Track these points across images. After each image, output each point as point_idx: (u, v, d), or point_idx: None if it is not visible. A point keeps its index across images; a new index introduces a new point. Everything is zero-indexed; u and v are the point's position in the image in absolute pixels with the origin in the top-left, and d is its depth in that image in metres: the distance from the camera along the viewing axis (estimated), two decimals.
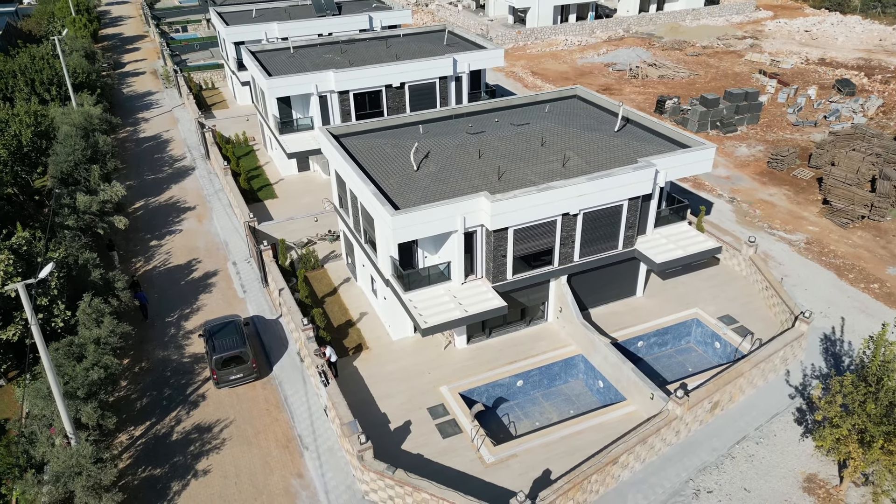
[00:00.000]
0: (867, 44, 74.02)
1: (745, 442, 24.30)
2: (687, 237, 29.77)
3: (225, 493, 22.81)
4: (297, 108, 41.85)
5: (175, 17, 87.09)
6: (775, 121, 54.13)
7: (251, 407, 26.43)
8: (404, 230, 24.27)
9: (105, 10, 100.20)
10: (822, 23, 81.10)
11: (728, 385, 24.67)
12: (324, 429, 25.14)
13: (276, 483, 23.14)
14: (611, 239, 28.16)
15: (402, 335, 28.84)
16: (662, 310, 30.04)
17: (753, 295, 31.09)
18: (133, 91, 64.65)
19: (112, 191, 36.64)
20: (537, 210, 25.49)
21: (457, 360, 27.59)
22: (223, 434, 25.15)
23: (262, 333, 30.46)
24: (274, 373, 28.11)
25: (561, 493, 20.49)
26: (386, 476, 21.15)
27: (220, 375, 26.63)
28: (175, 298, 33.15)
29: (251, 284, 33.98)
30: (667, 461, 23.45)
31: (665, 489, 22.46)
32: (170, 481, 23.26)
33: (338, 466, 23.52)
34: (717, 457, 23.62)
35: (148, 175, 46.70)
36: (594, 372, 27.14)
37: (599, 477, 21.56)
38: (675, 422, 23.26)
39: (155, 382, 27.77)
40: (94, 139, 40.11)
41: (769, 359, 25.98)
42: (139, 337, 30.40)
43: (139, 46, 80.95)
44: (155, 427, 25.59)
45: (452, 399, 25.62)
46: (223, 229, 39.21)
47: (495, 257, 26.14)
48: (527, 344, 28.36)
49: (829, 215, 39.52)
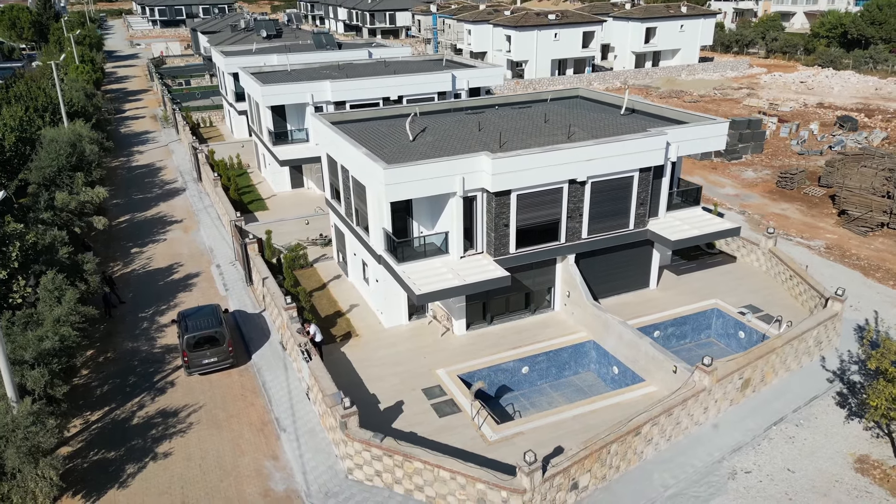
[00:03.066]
0: (863, 92, 74.51)
1: (783, 424, 21.39)
2: (702, 220, 27.76)
3: (186, 475, 19.72)
4: (291, 121, 40.84)
5: (180, 74, 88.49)
6: (779, 150, 53.20)
7: (225, 393, 23.60)
8: (397, 187, 22.32)
9: (112, 71, 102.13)
10: (816, 75, 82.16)
11: (759, 360, 21.99)
12: (305, 411, 22.24)
13: (247, 465, 20.09)
14: (621, 215, 26.14)
15: (396, 322, 26.30)
16: (678, 301, 27.59)
17: (776, 286, 28.74)
18: (130, 131, 64.26)
19: (93, 192, 34.90)
20: (542, 173, 23.64)
21: (455, 346, 24.95)
22: (190, 419, 22.22)
23: (242, 325, 27.88)
24: (253, 360, 25.38)
25: (576, 461, 17.54)
26: (373, 445, 18.22)
27: (191, 359, 23.90)
28: (151, 296, 30.73)
29: (234, 284, 31.64)
30: (696, 441, 20.48)
31: (696, 468, 19.41)
32: (124, 464, 20.20)
33: (318, 447, 20.52)
34: (752, 437, 20.68)
35: (136, 195, 45.17)
36: (607, 358, 24.45)
37: (620, 449, 18.60)
38: (702, 394, 20.46)
39: (119, 371, 24.99)
40: (80, 147, 38.77)
41: (802, 338, 23.38)
42: (107, 329, 27.81)
43: (141, 98, 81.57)
44: (114, 412, 22.67)
45: (450, 381, 22.85)
46: (209, 237, 37.21)
47: (497, 227, 24.04)
48: (532, 331, 25.78)
49: (848, 224, 37.62)
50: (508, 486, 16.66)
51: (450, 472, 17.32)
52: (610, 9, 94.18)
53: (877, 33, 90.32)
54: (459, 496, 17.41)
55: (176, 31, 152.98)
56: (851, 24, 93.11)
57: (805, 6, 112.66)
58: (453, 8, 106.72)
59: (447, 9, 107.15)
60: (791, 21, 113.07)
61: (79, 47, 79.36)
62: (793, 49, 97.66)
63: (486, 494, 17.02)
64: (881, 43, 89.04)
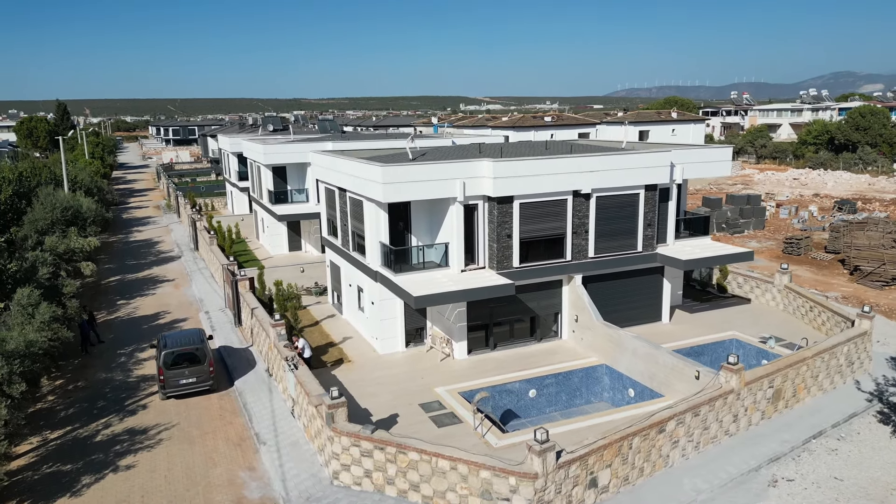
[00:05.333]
0: (857, 187, 75.62)
1: (822, 438, 19.12)
2: (713, 247, 26.68)
3: (148, 485, 17.27)
4: (291, 183, 40.82)
5: (187, 174, 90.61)
6: (781, 228, 52.91)
7: (201, 414, 21.38)
8: (395, 187, 21.50)
9: (120, 176, 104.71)
10: (809, 174, 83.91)
11: (789, 370, 20.07)
12: (289, 426, 19.98)
13: (219, 475, 17.67)
14: (628, 235, 25.09)
15: (391, 349, 24.46)
16: (693, 333, 25.83)
17: (796, 321, 27.11)
18: (132, 216, 64.49)
19: (84, 241, 34.04)
20: (545, 181, 22.91)
21: (455, 369, 23.00)
22: (160, 436, 19.93)
23: (227, 357, 25.95)
24: (235, 386, 23.30)
25: (593, 450, 15.33)
26: (362, 437, 16.04)
27: (167, 378, 21.88)
28: (133, 337, 28.93)
29: (222, 326, 29.93)
30: (727, 450, 18.15)
31: (730, 474, 17.01)
32: (80, 475, 17.77)
33: (301, 457, 18.16)
34: (790, 448, 18.36)
35: (130, 261, 44.23)
36: (622, 381, 22.44)
37: (643, 445, 16.37)
38: (730, 397, 18.40)
39: (88, 397, 22.85)
40: (77, 203, 38.41)
41: (833, 353, 21.55)
42: (81, 363, 25.86)
43: (147, 194, 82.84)
44: (76, 431, 20.38)
45: (451, 397, 20.75)
46: (200, 291, 35.85)
47: (499, 237, 22.95)
48: (538, 357, 23.89)
49: (861, 280, 36.38)
50: (518, 470, 14.40)
51: (449, 460, 15.08)
52: (603, 117, 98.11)
53: (862, 138, 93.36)
54: (461, 490, 15.04)
55: (188, 147, 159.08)
56: (837, 130, 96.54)
57: (790, 118, 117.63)
58: (453, 118, 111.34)
59: (447, 118, 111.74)
60: (778, 132, 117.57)
61: (90, 145, 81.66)
62: (782, 154, 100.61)
63: (491, 485, 14.69)
64: (868, 146, 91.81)
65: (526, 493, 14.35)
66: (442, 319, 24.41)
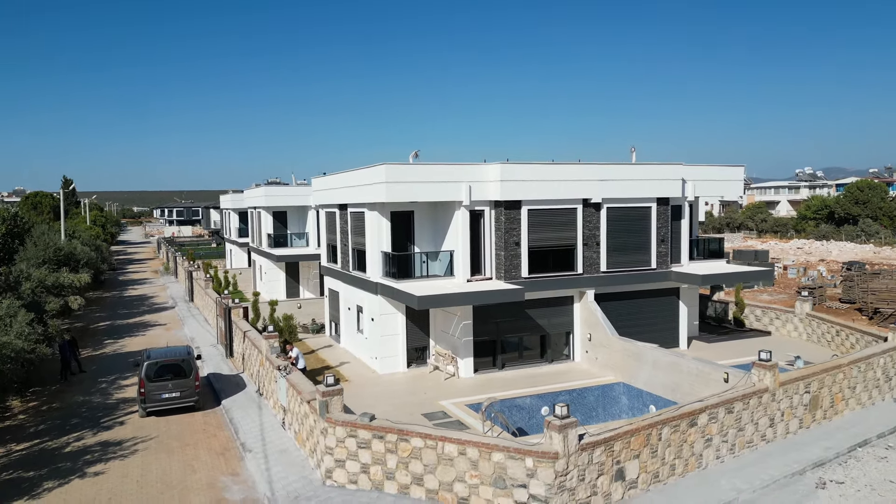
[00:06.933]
0: (862, 255, 74.94)
1: (868, 447, 17.27)
2: (729, 267, 25.53)
3: (118, 489, 15.36)
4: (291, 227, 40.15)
5: (187, 244, 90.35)
6: (791, 284, 51.74)
7: (183, 428, 19.52)
8: (399, 187, 20.68)
9: (120, 249, 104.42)
10: (812, 243, 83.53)
11: (825, 375, 18.46)
12: (277, 437, 18.14)
13: (198, 480, 15.76)
14: (641, 251, 24.02)
15: (392, 369, 22.87)
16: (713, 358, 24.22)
17: (821, 347, 25.58)
18: (129, 279, 63.40)
19: (74, 277, 32.84)
20: (553, 188, 22.11)
21: (460, 387, 21.32)
22: (137, 447, 18.05)
23: (215, 382, 24.19)
24: (223, 405, 21.49)
25: (618, 435, 13.63)
26: (359, 426, 14.35)
27: (148, 392, 20.14)
28: (117, 367, 27.22)
29: (213, 358, 28.21)
30: (766, 455, 16.30)
31: (771, 476, 15.12)
32: (42, 481, 15.85)
33: (290, 462, 16.29)
34: (834, 454, 16.51)
35: (122, 311, 42.79)
36: (641, 398, 20.73)
37: (674, 438, 14.63)
38: (765, 396, 16.74)
39: (62, 416, 21.00)
40: (71, 246, 37.51)
41: (869, 363, 19.98)
42: (59, 390, 24.09)
43: (146, 262, 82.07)
44: (45, 444, 18.50)
45: (456, 409, 19.03)
46: (192, 331, 34.29)
47: (507, 245, 21.87)
48: (549, 377, 22.25)
49: (882, 322, 34.86)
50: (535, 450, 12.68)
51: (457, 444, 13.35)
52: None
53: (862, 211, 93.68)
54: (470, 479, 13.21)
55: (192, 227, 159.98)
56: (836, 204, 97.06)
57: (788, 195, 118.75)
58: None
59: None
60: (777, 208, 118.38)
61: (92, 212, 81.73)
62: (783, 228, 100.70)
63: (504, 469, 12.90)
64: (869, 219, 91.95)
65: (545, 477, 12.55)
66: (446, 337, 22.93)
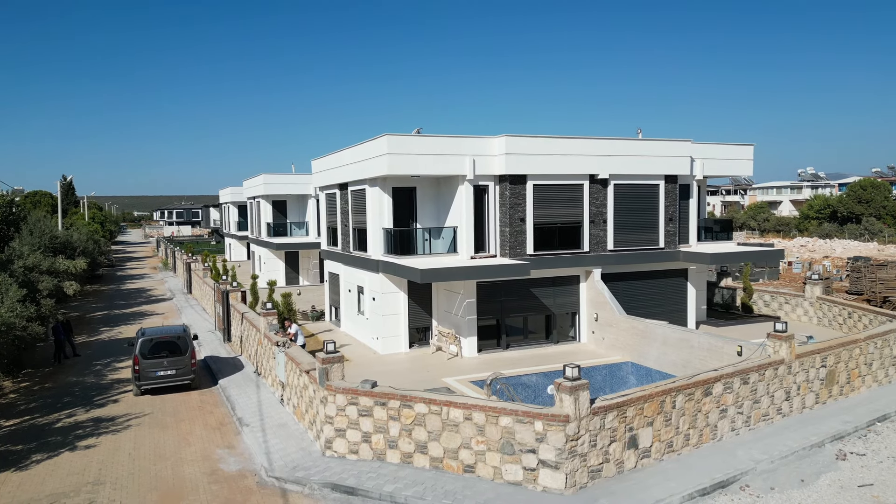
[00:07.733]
0: (865, 252, 74.34)
1: (888, 422, 16.67)
2: (739, 247, 24.95)
3: (110, 460, 14.76)
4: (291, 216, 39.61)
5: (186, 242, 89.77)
6: (796, 278, 51.14)
7: (178, 406, 18.93)
8: (401, 159, 20.12)
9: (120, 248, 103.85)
10: (816, 241, 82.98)
11: (841, 350, 17.88)
12: (276, 412, 17.56)
13: (193, 452, 15.16)
14: (649, 230, 23.46)
15: (393, 350, 22.27)
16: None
17: (833, 330, 25.00)
18: (127, 274, 62.84)
19: (70, 263, 32.29)
20: (559, 162, 21.56)
21: (463, 366, 20.70)
22: (130, 423, 17.47)
23: (212, 364, 23.60)
24: (220, 384, 20.89)
25: (631, 400, 13.04)
26: (361, 393, 13.76)
27: (143, 369, 19.57)
28: (112, 351, 26.64)
29: (210, 343, 27.63)
30: (783, 429, 15.69)
31: (790, 448, 14.51)
32: (31, 454, 15.26)
33: (289, 435, 15.70)
34: (853, 428, 15.90)
35: (119, 302, 42.21)
36: (650, 377, 20.06)
37: (688, 407, 14.03)
38: (781, 368, 16.14)
39: (55, 395, 20.42)
40: (68, 234, 36.95)
41: (886, 339, 19.40)
42: (52, 371, 23.51)
43: (145, 260, 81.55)
44: (34, 420, 17.91)
45: (460, 385, 18.42)
46: (189, 319, 33.70)
47: (512, 221, 21.31)
48: (554, 357, 21.62)
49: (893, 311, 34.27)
50: (545, 412, 12.09)
51: (463, 408, 12.77)
52: None
53: (865, 210, 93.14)
54: (476, 445, 12.61)
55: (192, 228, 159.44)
56: (839, 203, 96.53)
57: (790, 195, 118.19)
58: None
59: None
60: (779, 208, 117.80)
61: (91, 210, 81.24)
62: (786, 228, 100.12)
63: (513, 434, 12.31)
64: (873, 218, 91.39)
65: (556, 441, 11.95)
66: (449, 317, 22.35)
